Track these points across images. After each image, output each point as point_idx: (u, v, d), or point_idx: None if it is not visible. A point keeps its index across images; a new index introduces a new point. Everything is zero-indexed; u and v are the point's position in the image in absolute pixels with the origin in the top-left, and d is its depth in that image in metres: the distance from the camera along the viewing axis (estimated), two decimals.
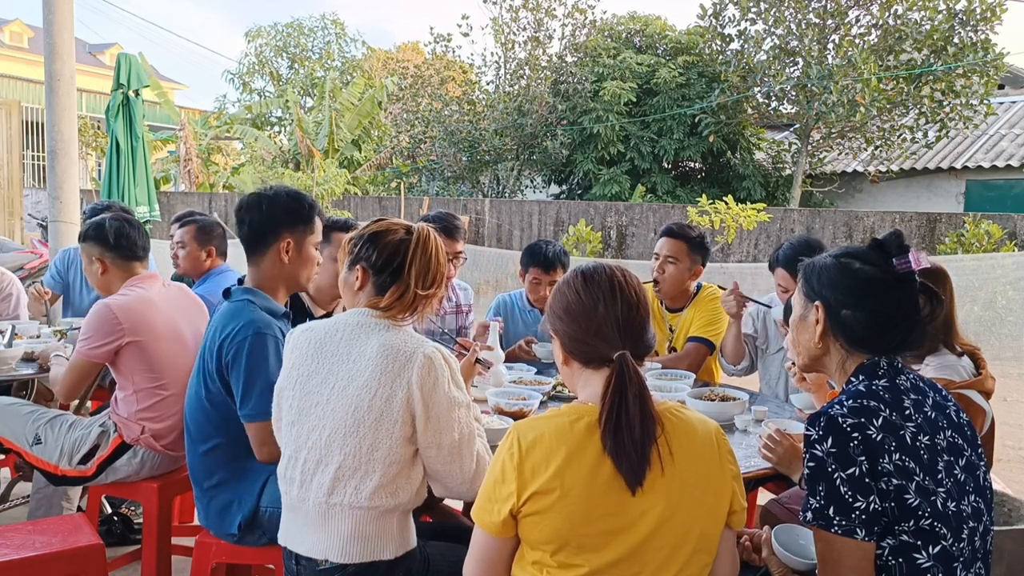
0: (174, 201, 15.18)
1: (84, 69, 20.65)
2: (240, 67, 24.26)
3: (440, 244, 1.85)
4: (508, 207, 13.57)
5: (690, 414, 1.50)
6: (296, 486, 1.74)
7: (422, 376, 1.68)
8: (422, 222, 1.94)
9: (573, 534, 1.37)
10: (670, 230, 3.36)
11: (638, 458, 1.36)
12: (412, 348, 1.71)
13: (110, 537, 3.20)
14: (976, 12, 12.23)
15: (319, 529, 1.72)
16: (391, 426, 1.68)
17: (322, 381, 1.74)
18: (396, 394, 1.67)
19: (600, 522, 1.37)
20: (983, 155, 13.96)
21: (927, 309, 1.50)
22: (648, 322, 1.51)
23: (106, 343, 2.55)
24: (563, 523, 1.37)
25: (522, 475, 1.39)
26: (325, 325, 1.82)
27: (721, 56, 14.06)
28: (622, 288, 1.50)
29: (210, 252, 3.50)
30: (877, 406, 1.42)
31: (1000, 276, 8.55)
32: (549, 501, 1.37)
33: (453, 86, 17.57)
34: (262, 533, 2.15)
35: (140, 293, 2.65)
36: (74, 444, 2.60)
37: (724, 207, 10.16)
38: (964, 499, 1.44)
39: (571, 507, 1.37)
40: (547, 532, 1.38)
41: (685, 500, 1.40)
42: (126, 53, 7.07)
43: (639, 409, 1.38)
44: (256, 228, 2.23)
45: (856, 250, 1.56)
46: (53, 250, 5.63)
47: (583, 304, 1.49)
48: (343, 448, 1.68)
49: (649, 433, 1.38)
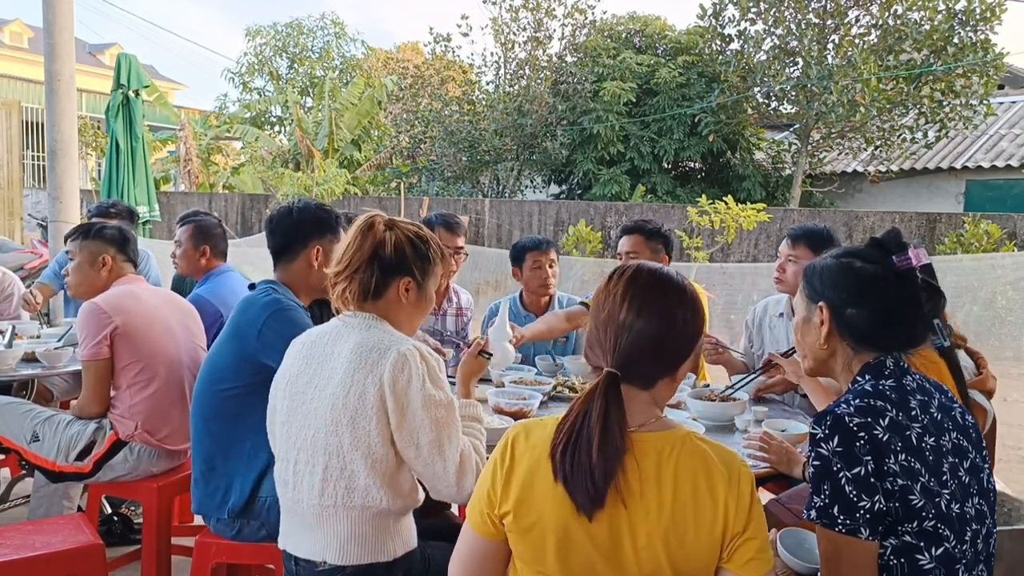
0: (174, 201, 15.17)
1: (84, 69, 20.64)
2: (239, 66, 24.24)
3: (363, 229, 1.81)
4: (508, 207, 13.57)
5: (707, 448, 1.33)
6: (291, 488, 1.74)
7: (395, 373, 1.65)
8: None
9: (544, 565, 1.31)
10: (624, 227, 3.41)
11: (594, 486, 1.25)
12: (387, 345, 1.69)
13: (110, 537, 3.21)
14: (976, 12, 12.22)
15: (316, 530, 1.71)
16: (367, 424, 1.65)
17: (307, 382, 1.74)
18: (368, 391, 1.65)
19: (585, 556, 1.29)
20: (983, 155, 13.96)
21: (929, 304, 1.51)
22: (673, 326, 1.34)
23: (102, 336, 2.61)
24: (546, 549, 1.30)
25: (508, 485, 1.33)
26: (317, 328, 1.84)
27: (721, 56, 14.05)
28: (642, 292, 1.35)
29: (204, 252, 3.47)
30: (884, 406, 1.42)
31: (1000, 276, 8.55)
32: (530, 521, 1.31)
33: (453, 86, 17.56)
34: (260, 525, 2.16)
35: (124, 288, 2.79)
36: (70, 441, 2.64)
37: (724, 207, 10.15)
38: (968, 501, 1.44)
39: (552, 537, 1.29)
40: (531, 552, 1.32)
41: (661, 540, 1.27)
42: (126, 53, 7.08)
43: (601, 432, 1.26)
44: (288, 236, 2.35)
45: (856, 249, 1.57)
46: (53, 250, 5.63)
47: (597, 302, 1.40)
48: (326, 448, 1.67)
49: (609, 461, 1.25)
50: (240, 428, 2.17)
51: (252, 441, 2.15)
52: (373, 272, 1.77)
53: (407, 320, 1.84)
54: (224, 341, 2.25)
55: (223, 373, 2.20)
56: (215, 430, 2.21)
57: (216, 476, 2.20)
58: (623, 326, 1.33)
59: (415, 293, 1.82)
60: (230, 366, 2.19)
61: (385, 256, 1.77)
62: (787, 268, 2.94)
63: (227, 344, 2.23)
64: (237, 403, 2.17)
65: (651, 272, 1.40)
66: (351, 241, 1.78)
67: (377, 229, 1.79)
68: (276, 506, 1.87)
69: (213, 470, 2.20)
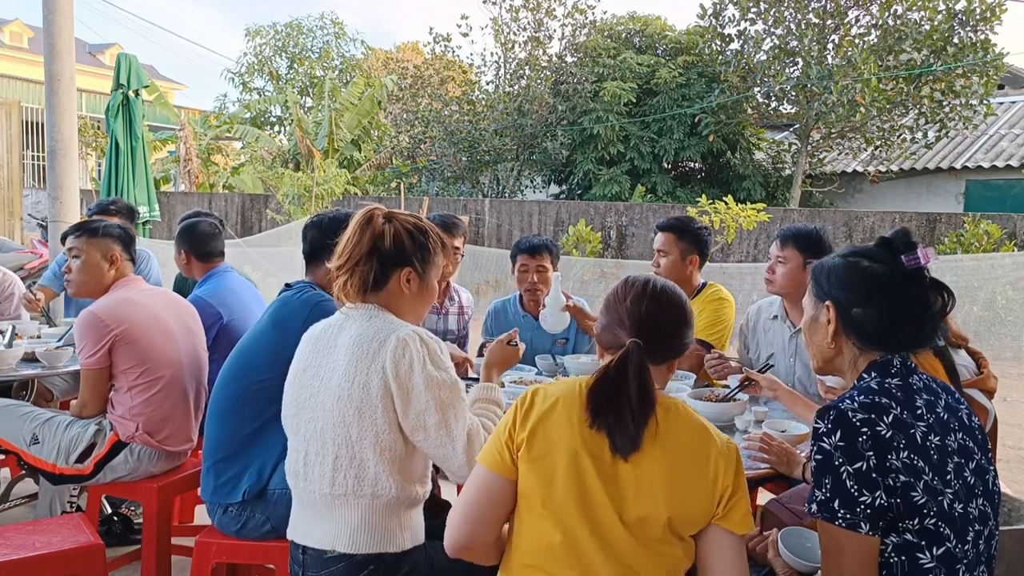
0: (174, 201, 15.17)
1: (84, 69, 20.65)
2: (239, 66, 24.23)
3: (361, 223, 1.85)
4: (508, 207, 13.57)
5: (699, 416, 1.54)
6: (302, 479, 1.76)
7: (396, 359, 1.67)
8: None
9: (551, 491, 1.44)
10: (659, 224, 3.38)
11: (635, 430, 1.43)
12: (386, 333, 1.71)
13: (110, 537, 3.21)
14: (976, 12, 12.22)
15: (327, 520, 1.73)
16: (372, 412, 1.68)
17: (314, 374, 1.77)
18: (372, 380, 1.67)
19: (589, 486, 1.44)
20: (983, 155, 13.96)
21: (938, 305, 1.50)
22: (675, 325, 1.59)
23: (100, 346, 2.60)
24: (555, 475, 1.44)
25: (525, 420, 1.48)
26: (322, 321, 1.87)
27: (721, 56, 14.05)
28: (655, 290, 1.60)
29: (188, 258, 3.42)
30: (888, 403, 1.42)
31: (999, 276, 8.55)
32: (544, 448, 1.45)
33: (453, 86, 17.56)
34: (266, 519, 2.17)
35: (119, 294, 2.76)
36: (71, 443, 2.63)
37: (724, 207, 10.15)
38: (972, 502, 1.44)
39: (563, 463, 1.44)
40: (542, 479, 1.45)
41: (663, 485, 1.44)
42: (126, 53, 7.07)
43: (638, 385, 1.44)
44: (315, 243, 2.43)
45: (864, 249, 1.57)
46: (53, 250, 5.62)
47: (616, 297, 1.61)
48: (335, 439, 1.70)
49: (646, 409, 1.44)
50: (265, 418, 2.18)
51: (274, 431, 2.15)
52: (373, 265, 1.79)
53: (410, 310, 1.86)
54: (260, 335, 2.27)
55: (258, 366, 2.21)
56: (237, 421, 2.21)
57: (233, 465, 2.20)
58: (642, 310, 1.56)
59: (417, 283, 1.85)
60: (267, 359, 2.19)
61: (384, 248, 1.80)
62: (776, 269, 2.92)
63: (265, 338, 2.25)
64: (267, 395, 2.17)
65: (652, 278, 1.65)
66: (350, 235, 1.81)
67: (376, 222, 1.81)
68: (284, 499, 1.88)
69: (230, 459, 2.20)
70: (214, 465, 2.23)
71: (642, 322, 1.55)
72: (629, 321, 1.56)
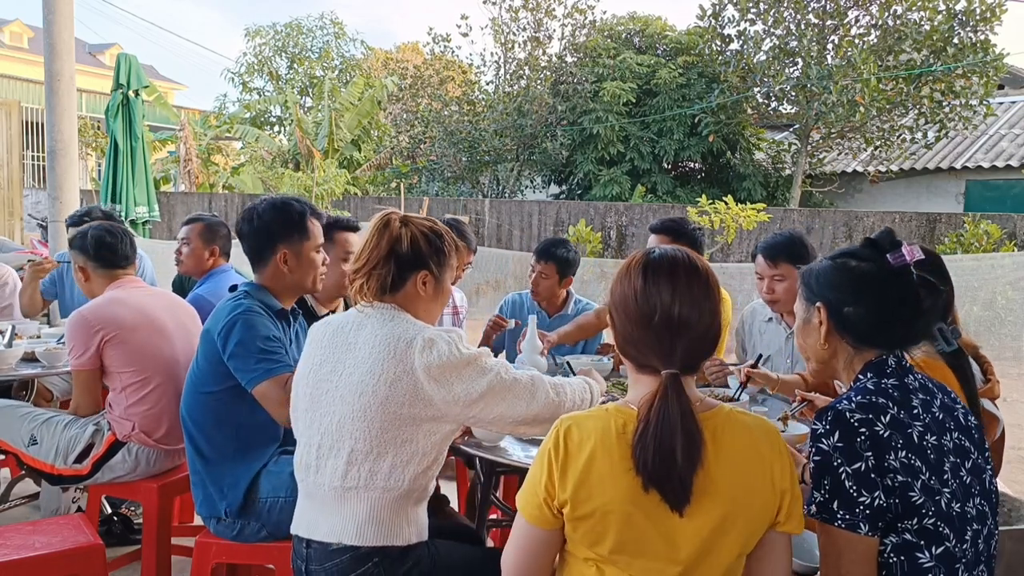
0: (174, 201, 15.17)
1: (84, 69, 20.64)
2: (239, 66, 24.23)
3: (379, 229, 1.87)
4: (508, 207, 13.57)
5: (744, 418, 1.41)
6: (312, 472, 1.77)
7: (426, 357, 1.70)
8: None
9: (617, 542, 1.34)
10: (652, 226, 3.37)
11: (682, 486, 1.30)
12: (413, 334, 1.74)
13: (110, 537, 3.20)
14: (976, 12, 12.22)
15: (335, 513, 1.74)
16: (397, 408, 1.69)
17: (331, 370, 1.78)
18: (401, 379, 1.69)
19: (642, 534, 1.33)
20: (983, 155, 13.96)
21: (928, 301, 1.52)
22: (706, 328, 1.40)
23: (89, 348, 2.62)
24: (607, 532, 1.34)
25: (564, 477, 1.34)
26: (340, 317, 1.88)
27: (721, 56, 14.04)
28: (689, 283, 1.40)
29: (213, 251, 3.51)
30: (885, 403, 1.43)
31: (999, 276, 8.55)
32: (590, 508, 1.33)
33: (453, 86, 17.57)
34: (261, 526, 2.17)
35: (110, 295, 2.76)
36: (69, 443, 2.63)
37: (724, 207, 10.15)
38: (969, 501, 1.44)
39: (614, 520, 1.33)
40: (590, 537, 1.35)
41: (733, 511, 1.34)
42: (126, 53, 7.07)
43: (683, 433, 1.30)
44: (252, 244, 2.33)
45: (850, 249, 1.60)
46: (53, 250, 5.63)
47: (638, 303, 1.41)
48: (353, 433, 1.71)
49: (693, 460, 1.31)
50: (227, 429, 2.21)
51: (240, 443, 2.20)
52: (391, 268, 1.82)
53: (425, 312, 1.89)
54: (200, 345, 2.28)
55: (204, 377, 2.24)
56: (203, 432, 2.24)
57: (210, 477, 2.22)
58: (680, 325, 1.38)
59: (432, 285, 1.88)
60: (208, 370, 2.22)
61: (402, 252, 1.83)
62: (776, 288, 2.92)
63: (201, 348, 2.27)
64: (221, 406, 2.21)
65: (679, 254, 1.44)
66: (368, 239, 1.84)
67: (393, 226, 1.84)
68: (276, 507, 1.87)
69: (206, 471, 2.22)
70: (198, 478, 2.26)
71: (680, 348, 1.37)
72: (663, 343, 1.38)
